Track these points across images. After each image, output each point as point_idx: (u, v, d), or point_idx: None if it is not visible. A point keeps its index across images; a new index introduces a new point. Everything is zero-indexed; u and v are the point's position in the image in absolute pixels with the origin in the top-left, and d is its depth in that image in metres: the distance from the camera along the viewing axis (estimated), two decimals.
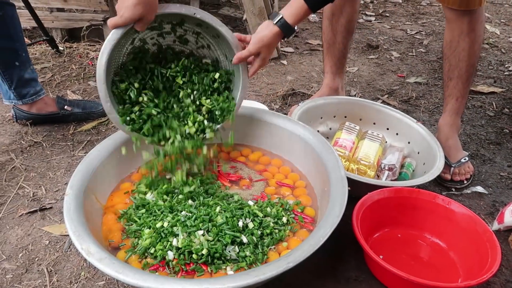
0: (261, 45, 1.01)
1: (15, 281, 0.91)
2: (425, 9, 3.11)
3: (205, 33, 1.03)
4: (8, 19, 1.27)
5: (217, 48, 1.06)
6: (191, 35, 1.04)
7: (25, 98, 1.39)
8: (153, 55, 1.04)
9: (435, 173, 1.10)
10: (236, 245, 0.84)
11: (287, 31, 1.01)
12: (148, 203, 0.95)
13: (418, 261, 0.97)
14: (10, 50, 1.32)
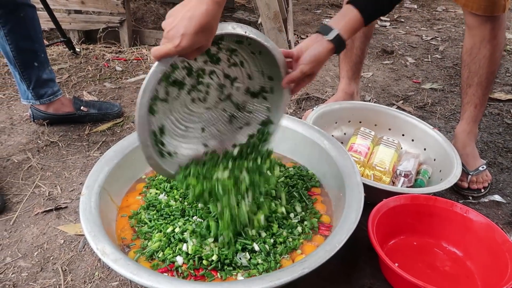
0: (316, 64, 0.89)
1: (30, 279, 0.92)
2: (441, 15, 3.08)
3: (242, 50, 0.88)
4: (28, 20, 1.29)
5: (251, 65, 0.91)
6: (224, 53, 0.87)
7: (42, 98, 1.41)
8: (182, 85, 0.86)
9: (452, 180, 1.08)
10: (247, 251, 0.83)
11: (340, 47, 0.90)
12: (160, 203, 0.96)
13: (434, 270, 0.95)
14: (30, 50, 1.34)
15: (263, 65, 0.91)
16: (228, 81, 0.92)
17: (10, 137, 1.42)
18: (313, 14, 3.00)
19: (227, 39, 0.83)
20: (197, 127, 0.94)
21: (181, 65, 0.83)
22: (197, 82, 0.88)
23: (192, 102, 0.90)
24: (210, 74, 0.89)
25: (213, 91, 0.91)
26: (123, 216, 0.95)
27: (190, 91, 0.88)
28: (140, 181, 1.06)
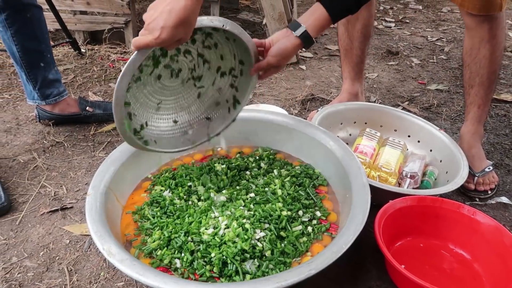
0: (282, 58, 0.96)
1: (36, 279, 0.92)
2: (446, 16, 3.07)
3: (218, 35, 0.94)
4: (35, 21, 1.30)
5: (225, 48, 0.97)
6: (199, 34, 0.92)
7: (48, 99, 1.42)
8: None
9: (459, 182, 1.07)
10: (256, 258, 0.81)
11: (307, 43, 0.97)
12: (164, 200, 0.95)
13: (441, 272, 0.94)
14: (36, 51, 1.34)
15: (236, 50, 0.97)
16: (201, 60, 0.99)
17: (16, 137, 1.42)
18: None
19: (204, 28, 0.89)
20: (169, 100, 1.00)
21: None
22: (171, 59, 0.94)
23: (166, 77, 0.96)
24: (184, 53, 0.95)
25: (186, 68, 0.98)
26: (127, 213, 0.95)
27: (165, 67, 0.94)
28: (146, 180, 1.06)
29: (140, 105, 0.95)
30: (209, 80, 1.03)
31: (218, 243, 0.81)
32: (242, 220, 0.85)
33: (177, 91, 1.00)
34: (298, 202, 0.95)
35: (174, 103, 1.02)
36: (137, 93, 0.93)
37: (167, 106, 1.01)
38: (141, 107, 0.95)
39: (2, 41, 1.32)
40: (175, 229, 0.86)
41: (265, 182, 1.00)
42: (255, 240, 0.82)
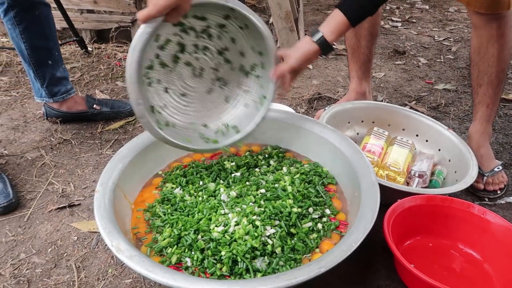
0: (304, 60, 0.99)
1: (44, 275, 0.92)
2: (453, 15, 3.05)
3: (231, 25, 0.96)
4: (43, 19, 1.30)
5: (242, 40, 0.99)
6: (214, 28, 0.96)
7: (56, 96, 1.42)
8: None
9: (469, 181, 1.06)
10: (266, 255, 0.81)
11: (325, 50, 0.98)
12: (175, 197, 0.95)
13: (450, 272, 0.93)
14: (44, 49, 1.35)
15: (253, 41, 0.98)
16: (222, 58, 1.01)
17: (23, 135, 1.43)
18: (324, 14, 2.99)
19: (215, 14, 0.92)
20: (193, 102, 1.03)
21: (175, 39, 0.93)
22: (192, 56, 0.97)
23: (189, 77, 0.99)
24: (204, 50, 0.98)
25: (208, 68, 1.01)
26: (138, 210, 0.95)
27: (186, 64, 0.97)
28: (156, 176, 1.06)
29: (167, 104, 0.98)
30: (234, 81, 1.05)
31: (228, 240, 0.81)
32: (253, 216, 0.85)
33: (202, 93, 1.03)
34: (308, 199, 0.94)
35: (200, 104, 1.04)
36: (160, 92, 0.95)
37: (192, 108, 1.03)
38: (168, 107, 0.98)
39: (11, 38, 1.32)
40: (185, 227, 0.86)
41: (274, 178, 0.99)
42: (265, 237, 0.82)
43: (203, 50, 0.98)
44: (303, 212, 0.90)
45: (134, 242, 0.87)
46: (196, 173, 1.03)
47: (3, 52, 2.05)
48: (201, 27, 0.95)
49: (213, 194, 0.96)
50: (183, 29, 0.93)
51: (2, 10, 1.25)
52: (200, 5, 0.88)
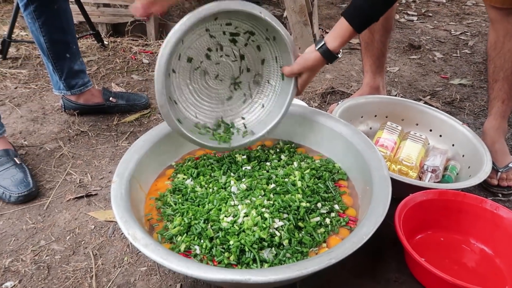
0: (304, 67, 1.00)
1: (63, 262, 0.95)
2: (471, 9, 3.00)
3: (259, 34, 0.99)
4: (61, 13, 1.33)
5: (265, 48, 1.03)
6: (242, 36, 1.00)
7: (73, 89, 1.45)
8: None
9: (482, 177, 1.06)
10: (273, 247, 0.82)
11: (328, 58, 0.99)
12: (186, 187, 0.97)
13: (462, 267, 0.94)
14: (62, 42, 1.38)
15: (277, 51, 1.02)
16: (244, 65, 1.04)
17: (42, 126, 1.47)
18: (338, 8, 2.97)
19: (245, 21, 0.95)
20: (212, 103, 1.06)
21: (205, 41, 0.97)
22: (217, 58, 1.01)
23: (211, 77, 1.03)
24: (228, 54, 1.02)
25: (229, 70, 1.04)
26: (151, 198, 0.97)
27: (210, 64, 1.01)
28: (170, 167, 1.08)
29: (185, 100, 1.01)
30: (251, 84, 1.08)
31: (236, 231, 0.83)
32: (262, 209, 0.86)
33: (220, 93, 1.06)
34: (317, 194, 0.95)
35: (217, 103, 1.07)
36: (183, 87, 1.00)
37: (209, 107, 1.06)
38: (186, 103, 1.02)
39: (30, 32, 1.36)
40: (195, 216, 0.88)
41: (285, 173, 1.01)
42: (273, 229, 0.83)
43: (228, 53, 1.02)
44: (311, 207, 0.91)
45: (148, 228, 0.89)
46: (208, 165, 1.05)
47: (22, 45, 2.10)
48: (230, 33, 0.99)
49: (223, 186, 0.97)
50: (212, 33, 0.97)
51: (23, 4, 1.29)
52: (235, 12, 0.91)
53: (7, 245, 0.99)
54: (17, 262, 0.95)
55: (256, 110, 1.10)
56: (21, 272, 0.92)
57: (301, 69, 1.01)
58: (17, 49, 2.08)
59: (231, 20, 0.96)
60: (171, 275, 0.92)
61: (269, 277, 0.69)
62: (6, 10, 2.72)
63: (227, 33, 0.98)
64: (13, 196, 1.10)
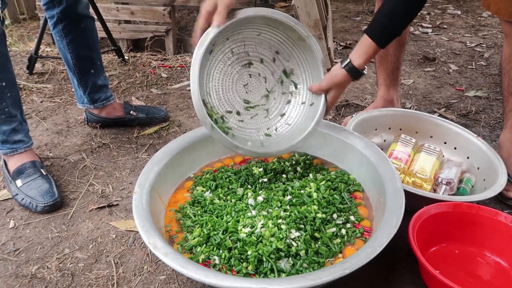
0: (332, 83, 1.04)
1: (86, 269, 0.99)
2: (486, 21, 2.99)
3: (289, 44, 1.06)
4: (88, 31, 1.40)
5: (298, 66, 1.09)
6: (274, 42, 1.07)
7: (96, 103, 1.52)
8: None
9: (497, 189, 1.06)
10: (290, 257, 0.84)
11: (354, 75, 1.02)
12: (205, 200, 1.00)
13: (477, 279, 0.94)
14: (88, 58, 1.45)
15: (308, 68, 1.08)
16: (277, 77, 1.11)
17: (67, 139, 1.53)
18: (353, 21, 3.01)
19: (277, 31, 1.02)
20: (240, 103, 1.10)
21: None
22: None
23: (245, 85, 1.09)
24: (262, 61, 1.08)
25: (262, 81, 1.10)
26: (171, 210, 1.01)
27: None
28: (189, 179, 1.12)
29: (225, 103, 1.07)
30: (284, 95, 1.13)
31: (254, 241, 0.85)
32: (278, 220, 0.89)
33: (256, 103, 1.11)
34: (333, 205, 0.97)
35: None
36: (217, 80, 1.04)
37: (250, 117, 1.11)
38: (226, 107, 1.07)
39: (58, 49, 1.43)
40: (213, 227, 0.91)
41: (300, 185, 1.03)
42: (290, 240, 0.86)
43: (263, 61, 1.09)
44: (327, 218, 0.93)
45: (167, 239, 0.93)
46: (225, 178, 1.08)
47: (47, 61, 2.19)
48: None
49: (241, 198, 1.00)
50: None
51: (52, 23, 1.37)
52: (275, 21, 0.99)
53: (34, 253, 1.04)
54: (43, 269, 0.99)
55: (283, 125, 1.13)
56: (46, 279, 0.97)
57: (329, 86, 1.04)
58: (42, 65, 2.17)
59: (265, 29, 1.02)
60: (189, 284, 0.95)
61: (284, 287, 0.71)
62: (32, 27, 2.85)
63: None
64: (39, 206, 1.15)
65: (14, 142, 1.23)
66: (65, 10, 1.34)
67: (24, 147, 1.25)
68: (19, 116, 1.23)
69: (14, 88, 1.20)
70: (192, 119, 1.67)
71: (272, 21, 0.99)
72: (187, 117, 1.69)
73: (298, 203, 0.96)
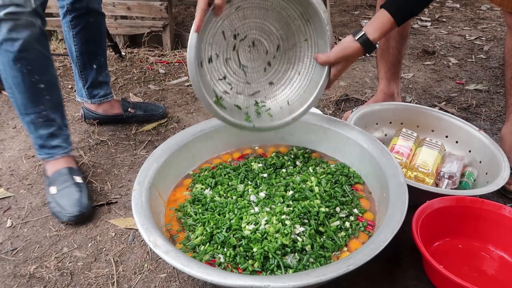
0: (341, 56, 1.01)
1: (85, 268, 0.98)
2: (485, 13, 2.98)
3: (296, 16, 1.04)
4: (96, 26, 1.39)
5: (303, 33, 1.06)
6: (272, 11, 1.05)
7: (94, 98, 1.50)
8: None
9: (500, 183, 1.05)
10: (296, 252, 0.83)
11: (368, 48, 1.00)
12: (205, 197, 0.99)
13: (481, 274, 0.93)
14: (92, 53, 1.44)
15: (314, 37, 1.06)
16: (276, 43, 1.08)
17: None
18: (351, 15, 2.98)
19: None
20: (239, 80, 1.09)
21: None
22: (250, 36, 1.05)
23: (245, 55, 1.06)
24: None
25: (262, 50, 1.08)
26: (171, 209, 0.99)
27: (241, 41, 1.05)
28: (187, 177, 1.10)
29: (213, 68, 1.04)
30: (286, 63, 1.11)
31: (259, 238, 0.84)
32: (282, 216, 0.88)
33: (253, 72, 1.09)
34: (335, 199, 0.96)
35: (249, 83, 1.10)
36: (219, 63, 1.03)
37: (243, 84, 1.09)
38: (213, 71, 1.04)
39: (65, 39, 1.42)
40: (216, 225, 0.90)
41: (301, 179, 1.02)
42: (295, 235, 0.85)
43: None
44: (330, 212, 0.92)
45: (168, 238, 0.91)
46: (224, 174, 1.07)
47: None
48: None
49: (242, 195, 0.99)
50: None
51: (62, 13, 1.36)
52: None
53: (32, 252, 1.02)
54: (42, 268, 0.98)
55: (281, 97, 1.12)
56: (45, 278, 0.95)
57: (338, 58, 1.01)
58: None
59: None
60: (190, 282, 0.94)
61: (288, 284, 0.70)
62: None
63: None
64: (66, 216, 1.09)
65: (51, 147, 1.19)
66: (75, 2, 1.32)
67: (61, 153, 1.21)
68: (59, 120, 1.20)
69: (54, 90, 1.17)
70: (191, 115, 1.65)
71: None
72: (186, 113, 1.67)
73: (301, 198, 0.95)
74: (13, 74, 1.08)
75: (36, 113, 1.14)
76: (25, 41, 1.04)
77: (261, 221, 0.87)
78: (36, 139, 1.18)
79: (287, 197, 0.95)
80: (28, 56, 1.07)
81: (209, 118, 1.17)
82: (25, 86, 1.10)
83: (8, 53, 1.05)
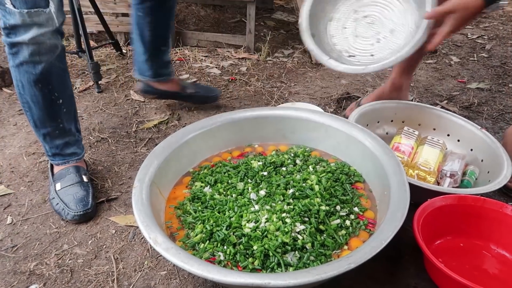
0: (458, 4, 0.90)
1: (85, 265, 0.98)
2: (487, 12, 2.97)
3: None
4: (171, 10, 1.44)
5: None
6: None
7: (160, 77, 1.52)
8: None
9: (502, 182, 1.05)
10: (297, 250, 0.83)
11: (490, 0, 0.89)
12: (205, 195, 0.99)
13: (482, 273, 0.93)
14: (163, 36, 1.46)
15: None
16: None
17: None
18: None
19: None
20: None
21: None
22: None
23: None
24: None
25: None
26: (170, 206, 0.99)
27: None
28: (187, 175, 1.10)
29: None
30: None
31: (259, 236, 0.84)
32: (282, 214, 0.87)
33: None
34: (336, 197, 0.96)
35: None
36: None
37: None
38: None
39: (136, 25, 1.42)
40: (216, 223, 0.89)
41: (302, 177, 1.01)
42: (295, 233, 0.84)
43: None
44: (331, 210, 0.92)
45: (168, 236, 0.91)
46: (224, 172, 1.07)
47: None
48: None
49: (242, 193, 0.99)
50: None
51: (138, 1, 1.37)
52: None
53: (32, 249, 1.02)
54: (42, 265, 0.98)
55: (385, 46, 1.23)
56: (45, 275, 0.95)
57: (453, 7, 0.91)
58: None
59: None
60: (190, 279, 0.93)
61: (288, 281, 0.69)
62: None
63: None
64: (70, 214, 1.09)
65: (66, 155, 1.19)
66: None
67: (76, 159, 1.20)
68: (74, 129, 1.19)
69: (70, 102, 1.16)
70: (191, 113, 1.64)
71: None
72: (186, 111, 1.66)
73: (301, 196, 0.94)
74: (32, 93, 1.06)
75: (53, 126, 1.13)
76: (48, 63, 1.03)
77: (261, 219, 0.87)
78: (50, 149, 1.17)
79: (287, 195, 0.94)
80: (50, 77, 1.06)
81: (210, 115, 1.16)
82: (45, 104, 1.08)
83: (29, 74, 1.03)
